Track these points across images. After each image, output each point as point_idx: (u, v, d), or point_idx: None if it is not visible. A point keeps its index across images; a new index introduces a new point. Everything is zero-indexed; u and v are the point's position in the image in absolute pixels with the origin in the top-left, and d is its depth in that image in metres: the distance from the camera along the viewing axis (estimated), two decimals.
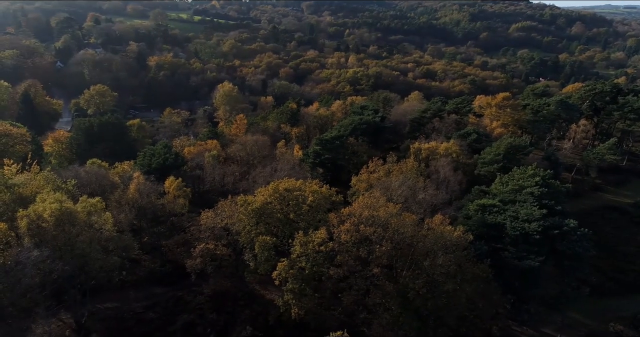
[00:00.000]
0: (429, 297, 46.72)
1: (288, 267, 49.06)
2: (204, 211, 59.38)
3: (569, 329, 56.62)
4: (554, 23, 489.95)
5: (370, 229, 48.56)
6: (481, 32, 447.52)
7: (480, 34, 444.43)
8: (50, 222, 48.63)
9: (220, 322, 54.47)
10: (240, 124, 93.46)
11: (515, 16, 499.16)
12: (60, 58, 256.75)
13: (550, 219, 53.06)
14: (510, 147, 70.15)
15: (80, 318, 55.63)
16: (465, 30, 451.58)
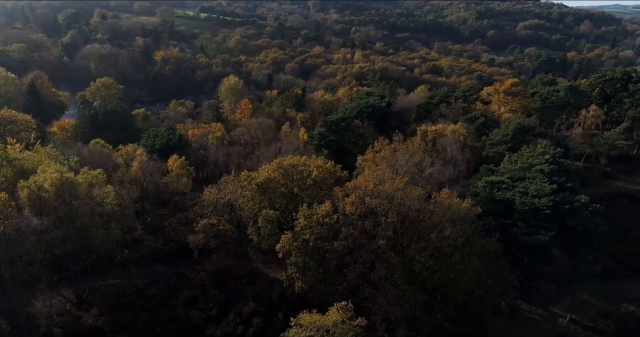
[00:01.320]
0: (435, 270, 45.50)
1: (292, 240, 48.07)
2: (207, 187, 58.57)
3: (579, 309, 55.15)
4: (562, 21, 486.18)
5: (376, 201, 47.46)
6: (488, 30, 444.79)
7: (487, 32, 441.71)
8: (50, 192, 47.98)
9: (223, 298, 53.58)
10: (245, 109, 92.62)
11: (522, 14, 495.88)
12: (67, 53, 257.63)
13: (560, 194, 51.71)
14: (519, 127, 68.74)
15: (81, 293, 54.99)
16: (472, 29, 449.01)
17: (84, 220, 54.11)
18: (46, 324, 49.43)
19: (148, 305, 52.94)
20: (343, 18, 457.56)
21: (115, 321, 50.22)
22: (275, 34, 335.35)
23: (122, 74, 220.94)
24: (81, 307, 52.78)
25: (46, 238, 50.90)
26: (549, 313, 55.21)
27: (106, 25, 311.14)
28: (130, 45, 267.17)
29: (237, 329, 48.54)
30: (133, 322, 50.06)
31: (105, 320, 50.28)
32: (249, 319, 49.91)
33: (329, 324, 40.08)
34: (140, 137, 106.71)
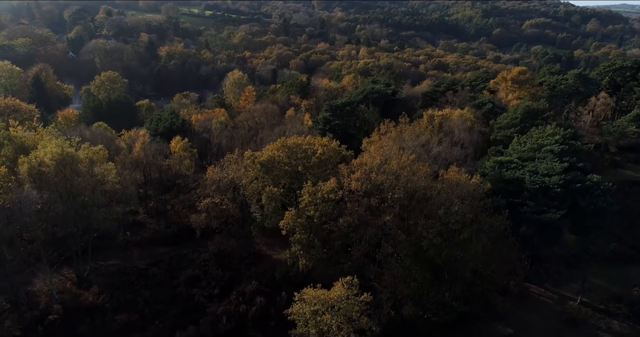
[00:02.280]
0: (443, 247, 44.30)
1: (296, 217, 47.00)
2: (210, 167, 57.62)
3: (589, 292, 53.76)
4: (568, 20, 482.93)
5: (382, 177, 46.34)
6: (494, 28, 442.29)
7: (493, 30, 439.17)
8: (51, 167, 47.14)
9: (225, 278, 52.62)
10: (249, 96, 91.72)
11: (528, 13, 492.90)
12: (73, 48, 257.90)
13: (572, 173, 50.43)
14: (527, 110, 67.36)
15: (81, 273, 54.18)
16: (477, 27, 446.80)
17: (84, 198, 53.45)
18: (46, 301, 48.64)
19: (149, 284, 52.08)
20: (348, 16, 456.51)
21: (116, 299, 49.37)
22: (279, 31, 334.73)
23: (126, 69, 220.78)
24: (81, 286, 51.98)
25: (46, 215, 50.24)
26: (559, 296, 53.88)
27: (111, 21, 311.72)
28: (135, 41, 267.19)
29: (240, 307, 47.52)
30: (134, 300, 49.19)
31: (106, 298, 49.44)
32: (251, 297, 48.91)
33: (333, 298, 39.07)
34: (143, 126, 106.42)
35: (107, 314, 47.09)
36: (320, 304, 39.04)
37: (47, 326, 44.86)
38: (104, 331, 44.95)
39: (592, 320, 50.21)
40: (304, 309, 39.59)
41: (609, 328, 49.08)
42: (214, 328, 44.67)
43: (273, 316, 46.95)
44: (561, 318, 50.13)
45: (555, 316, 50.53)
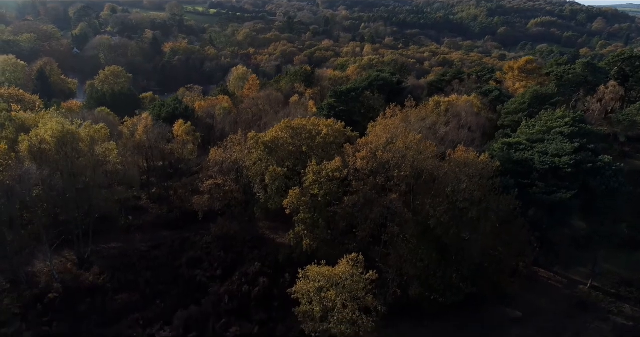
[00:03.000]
0: (451, 226, 43.25)
1: (300, 195, 46.04)
2: (213, 148, 56.81)
3: (599, 277, 52.58)
4: (574, 19, 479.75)
5: (389, 155, 45.33)
6: (499, 27, 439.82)
7: (498, 29, 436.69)
8: (51, 144, 46.40)
9: (228, 260, 51.73)
10: (253, 85, 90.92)
11: (534, 12, 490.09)
12: (77, 45, 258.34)
13: (582, 154, 49.25)
14: (536, 95, 66.19)
15: (82, 254, 53.40)
16: (482, 26, 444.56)
17: (85, 178, 52.76)
18: (46, 280, 47.94)
19: (151, 265, 51.28)
20: (352, 15, 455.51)
21: (117, 280, 48.59)
22: (284, 29, 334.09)
23: (131, 65, 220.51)
24: (82, 267, 51.28)
25: (47, 195, 49.57)
26: (568, 280, 52.76)
27: (116, 18, 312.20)
28: (139, 38, 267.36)
29: (242, 287, 46.58)
30: (135, 281, 48.37)
31: (107, 278, 48.72)
32: (254, 278, 47.99)
33: (338, 275, 38.09)
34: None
35: (108, 294, 46.31)
36: (324, 280, 38.06)
37: (46, 305, 44.11)
38: (104, 310, 44.12)
39: (603, 304, 49.07)
40: (308, 287, 38.63)
41: (620, 312, 47.88)
42: (215, 307, 43.76)
43: (276, 296, 46.01)
44: (571, 302, 49.02)
45: (565, 300, 49.41)
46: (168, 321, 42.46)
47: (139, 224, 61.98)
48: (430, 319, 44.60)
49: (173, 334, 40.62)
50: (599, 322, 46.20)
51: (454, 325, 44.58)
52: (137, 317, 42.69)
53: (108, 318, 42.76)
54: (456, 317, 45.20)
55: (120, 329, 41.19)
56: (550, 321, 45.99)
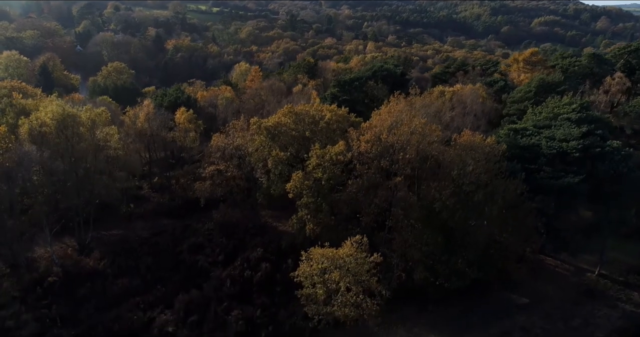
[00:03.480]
0: (457, 209, 42.45)
1: (303, 179, 45.34)
2: (215, 134, 56.19)
3: (607, 265, 51.67)
4: (577, 18, 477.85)
5: (394, 138, 44.57)
6: (502, 26, 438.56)
7: (502, 28, 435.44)
8: (51, 126, 45.86)
9: (230, 246, 51.02)
10: (255, 76, 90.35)
11: (537, 11, 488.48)
12: (80, 42, 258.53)
13: (590, 138, 48.44)
14: (542, 83, 65.33)
15: (83, 241, 52.86)
16: (486, 25, 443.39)
17: (86, 164, 52.25)
18: (46, 265, 47.38)
19: (152, 251, 50.68)
20: (355, 14, 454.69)
21: (117, 265, 48.01)
22: (287, 27, 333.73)
23: (133, 61, 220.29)
24: (83, 253, 50.73)
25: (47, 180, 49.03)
26: (575, 268, 51.90)
27: (119, 16, 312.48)
28: (142, 35, 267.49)
29: (244, 273, 45.88)
30: (136, 267, 47.77)
31: (107, 263, 48.14)
32: (257, 264, 47.28)
33: (342, 256, 37.38)
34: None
35: (108, 279, 45.70)
36: (328, 262, 37.35)
37: (46, 288, 43.52)
38: (104, 294, 43.49)
39: (611, 291, 48.18)
40: (311, 269, 37.91)
41: (629, 299, 46.97)
42: (217, 291, 43.08)
43: (279, 281, 45.30)
44: (579, 289, 48.15)
45: (572, 287, 48.56)
46: (169, 305, 41.78)
47: (140, 212, 61.46)
48: (435, 304, 43.87)
49: (174, 317, 39.92)
50: (607, 309, 45.33)
51: (459, 310, 43.83)
52: (137, 300, 42.03)
53: (108, 302, 42.11)
54: (461, 303, 44.45)
55: (120, 312, 40.49)
56: (558, 308, 45.14)
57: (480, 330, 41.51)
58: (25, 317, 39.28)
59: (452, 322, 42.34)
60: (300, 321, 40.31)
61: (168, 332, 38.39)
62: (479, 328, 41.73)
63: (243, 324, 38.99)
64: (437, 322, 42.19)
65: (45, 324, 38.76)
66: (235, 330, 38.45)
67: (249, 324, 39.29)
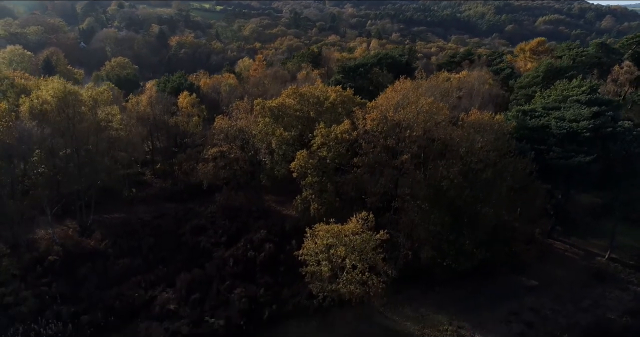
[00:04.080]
0: (465, 187, 41.50)
1: (307, 158, 44.52)
2: (219, 116, 55.41)
3: (617, 249, 50.54)
4: (582, 17, 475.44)
5: (400, 115, 43.67)
6: (506, 24, 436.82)
7: (506, 26, 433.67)
8: (52, 104, 45.17)
9: (233, 228, 50.20)
10: (259, 65, 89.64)
11: (542, 10, 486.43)
12: (84, 39, 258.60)
13: (601, 118, 47.42)
14: (550, 68, 64.28)
15: (84, 223, 52.20)
16: (490, 23, 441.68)
17: (88, 146, 51.63)
18: (46, 245, 46.67)
19: (153, 233, 50.02)
20: (359, 12, 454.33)
21: (119, 246, 47.35)
22: (290, 24, 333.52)
23: (137, 57, 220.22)
24: (84, 234, 50.04)
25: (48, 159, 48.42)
26: (585, 252, 50.80)
27: (123, 13, 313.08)
28: (146, 32, 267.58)
29: (248, 253, 45.07)
30: (138, 247, 47.07)
31: (108, 244, 47.43)
32: (260, 245, 46.43)
33: (347, 231, 36.51)
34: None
35: (109, 259, 45.00)
36: (333, 237, 36.47)
37: (46, 267, 42.87)
38: (105, 273, 42.76)
39: (622, 275, 47.09)
40: (315, 246, 37.03)
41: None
42: (220, 271, 42.28)
43: (282, 262, 44.43)
44: (589, 272, 47.06)
45: (582, 270, 47.48)
46: (171, 284, 41.02)
47: (142, 196, 60.93)
48: (442, 285, 42.92)
49: (175, 295, 39.13)
50: (618, 292, 44.24)
51: (466, 292, 42.81)
52: (138, 279, 41.29)
53: (109, 281, 41.37)
54: (468, 284, 43.43)
55: (122, 290, 39.77)
56: (567, 290, 44.10)
57: (489, 310, 40.51)
58: (24, 294, 38.55)
59: (459, 302, 41.35)
60: (304, 300, 39.44)
61: (169, 310, 37.57)
62: (487, 308, 40.73)
63: (246, 301, 38.17)
64: (444, 303, 41.23)
65: (44, 301, 38.02)
66: (238, 308, 37.59)
67: (252, 302, 38.44)
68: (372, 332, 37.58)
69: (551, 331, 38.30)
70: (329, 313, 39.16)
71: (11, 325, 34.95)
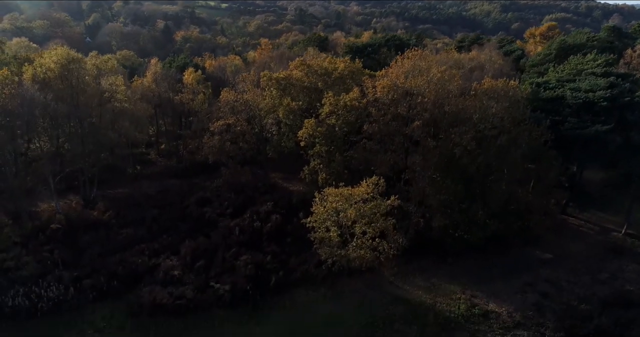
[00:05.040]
0: (478, 153, 40.18)
1: (316, 126, 43.37)
2: (225, 89, 54.34)
3: (634, 225, 49.06)
4: (589, 15, 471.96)
5: (412, 82, 42.44)
6: (512, 22, 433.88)
7: (512, 24, 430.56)
8: (55, 71, 44.24)
9: (239, 201, 49.04)
10: (265, 49, 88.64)
11: (548, 8, 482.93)
12: (90, 34, 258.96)
13: (619, 88, 46.01)
14: (563, 45, 62.81)
15: (88, 196, 51.32)
16: (496, 21, 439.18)
17: (92, 119, 50.75)
18: (49, 215, 45.72)
19: (158, 205, 49.07)
20: (364, 10, 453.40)
21: (123, 217, 46.46)
22: (295, 21, 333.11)
23: (142, 51, 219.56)
24: (87, 207, 49.09)
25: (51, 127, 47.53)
26: (601, 228, 49.35)
27: (128, 9, 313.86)
28: (151, 27, 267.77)
29: (254, 224, 43.93)
30: (141, 218, 46.08)
31: (112, 215, 46.45)
32: (266, 216, 45.31)
33: (358, 194, 35.38)
34: None
35: (113, 229, 44.06)
36: (343, 201, 35.35)
37: (48, 235, 41.96)
38: (108, 241, 41.76)
39: (639, 249, 45.63)
40: (325, 210, 35.90)
41: None
42: (226, 239, 41.17)
43: (289, 233, 43.30)
44: (605, 246, 45.60)
45: (598, 245, 45.99)
46: (175, 252, 39.98)
47: (147, 173, 60.13)
48: (454, 257, 41.59)
49: (180, 262, 38.07)
50: (636, 265, 42.72)
51: (479, 264, 41.43)
52: (142, 247, 40.30)
53: (112, 248, 40.37)
54: (481, 257, 42.05)
55: (125, 257, 38.73)
56: (584, 263, 42.67)
57: (503, 281, 39.17)
58: (26, 259, 37.60)
59: (472, 274, 40.01)
60: (312, 268, 38.27)
61: (174, 276, 36.51)
62: (501, 279, 39.40)
63: (252, 268, 37.02)
64: (457, 274, 39.91)
65: (46, 266, 37.09)
66: (244, 274, 36.45)
67: (258, 269, 37.30)
68: (382, 301, 36.29)
69: (567, 302, 36.88)
70: (338, 282, 37.96)
71: (11, 287, 33.96)
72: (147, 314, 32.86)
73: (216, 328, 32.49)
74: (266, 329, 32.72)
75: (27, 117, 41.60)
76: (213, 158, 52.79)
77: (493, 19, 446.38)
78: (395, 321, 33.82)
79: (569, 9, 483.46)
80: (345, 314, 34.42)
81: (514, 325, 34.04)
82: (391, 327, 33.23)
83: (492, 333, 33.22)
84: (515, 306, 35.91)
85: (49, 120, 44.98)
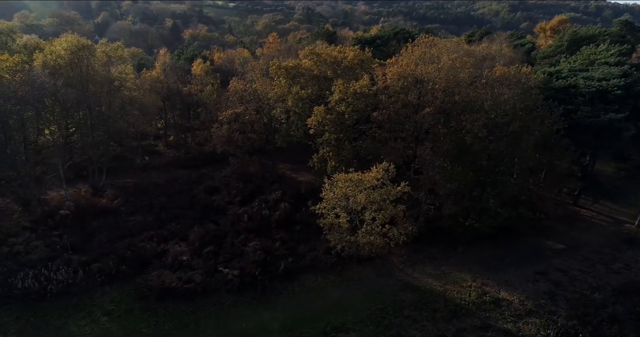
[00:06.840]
0: (491, 140, 39.69)
1: (325, 113, 43.08)
2: (234, 78, 54.21)
3: None
4: (599, 15, 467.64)
5: (423, 69, 42.02)
6: (521, 22, 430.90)
7: (521, 24, 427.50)
8: (65, 58, 44.32)
9: (247, 190, 48.89)
10: (273, 43, 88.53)
11: (558, 8, 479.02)
12: (99, 33, 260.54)
13: (633, 76, 45.31)
14: (575, 36, 62.04)
15: (97, 184, 51.37)
16: (504, 21, 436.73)
17: (101, 108, 50.82)
18: (58, 202, 45.79)
19: (166, 193, 49.06)
20: (371, 9, 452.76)
21: (132, 204, 46.40)
22: (303, 20, 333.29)
23: (150, 49, 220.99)
24: (96, 195, 49.12)
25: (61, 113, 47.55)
26: (613, 219, 48.65)
27: (137, 8, 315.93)
28: (159, 25, 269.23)
29: (262, 212, 43.71)
30: (150, 206, 46.03)
31: (121, 202, 46.42)
32: (275, 204, 45.09)
33: (368, 180, 35.02)
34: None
35: (122, 216, 44.03)
36: (353, 186, 35.01)
37: (58, 221, 41.94)
38: (117, 228, 41.69)
39: None
40: (334, 195, 35.59)
41: None
42: (234, 225, 40.99)
43: (298, 221, 43.06)
44: (618, 238, 44.94)
45: (611, 235, 45.38)
46: (183, 238, 39.84)
47: (155, 164, 60.06)
48: (465, 246, 41.13)
49: (189, 248, 37.87)
50: None
51: (490, 253, 40.93)
52: (151, 234, 40.15)
53: (120, 234, 40.28)
54: (492, 246, 41.62)
55: (134, 242, 38.63)
56: (597, 253, 42.04)
57: (514, 270, 38.64)
58: (35, 243, 37.67)
59: (483, 262, 39.52)
60: (322, 255, 37.96)
61: (182, 261, 36.31)
62: (513, 268, 38.86)
63: (261, 253, 36.78)
64: (467, 262, 39.43)
65: (55, 250, 37.06)
66: (253, 259, 36.21)
67: (267, 255, 37.04)
68: (392, 288, 35.88)
69: (580, 291, 36.33)
70: (347, 268, 37.63)
71: (21, 270, 33.96)
72: (155, 297, 32.67)
73: (225, 312, 32.26)
74: (275, 313, 32.43)
75: (37, 104, 41.57)
76: (221, 148, 52.63)
77: (502, 19, 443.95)
78: (405, 307, 33.41)
79: (579, 9, 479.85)
80: (354, 299, 34.07)
81: (526, 313, 33.49)
82: (401, 313, 32.82)
83: (504, 320, 32.68)
84: (527, 294, 35.37)
85: (58, 108, 44.86)
